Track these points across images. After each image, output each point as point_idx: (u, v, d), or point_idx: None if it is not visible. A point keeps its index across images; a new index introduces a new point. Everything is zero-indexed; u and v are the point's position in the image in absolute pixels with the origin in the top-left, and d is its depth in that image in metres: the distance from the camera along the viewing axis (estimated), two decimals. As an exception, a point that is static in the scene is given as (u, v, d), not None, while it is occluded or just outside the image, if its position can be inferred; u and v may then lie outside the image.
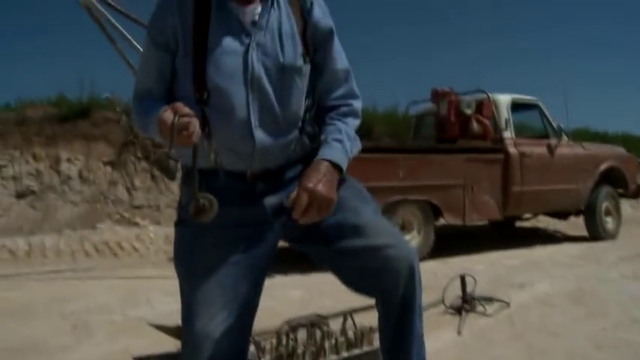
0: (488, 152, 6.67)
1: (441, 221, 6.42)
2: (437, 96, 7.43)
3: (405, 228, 5.97)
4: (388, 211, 5.72)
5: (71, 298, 4.41)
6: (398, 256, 1.50)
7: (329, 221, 1.51)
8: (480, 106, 7.00)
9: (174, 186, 8.04)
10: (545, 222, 8.97)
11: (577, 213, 7.71)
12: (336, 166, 1.45)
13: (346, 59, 1.61)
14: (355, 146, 1.55)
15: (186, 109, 1.31)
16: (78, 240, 7.06)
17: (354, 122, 1.59)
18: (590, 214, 7.52)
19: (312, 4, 1.56)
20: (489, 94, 7.00)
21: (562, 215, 7.87)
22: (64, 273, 5.70)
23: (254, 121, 1.45)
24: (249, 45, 1.46)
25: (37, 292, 4.72)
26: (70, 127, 9.09)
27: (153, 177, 8.79)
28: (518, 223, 8.66)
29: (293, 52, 1.50)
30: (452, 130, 7.09)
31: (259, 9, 1.50)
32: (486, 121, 6.90)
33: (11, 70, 21.00)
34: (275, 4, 1.52)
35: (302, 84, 1.52)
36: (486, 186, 6.49)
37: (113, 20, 5.31)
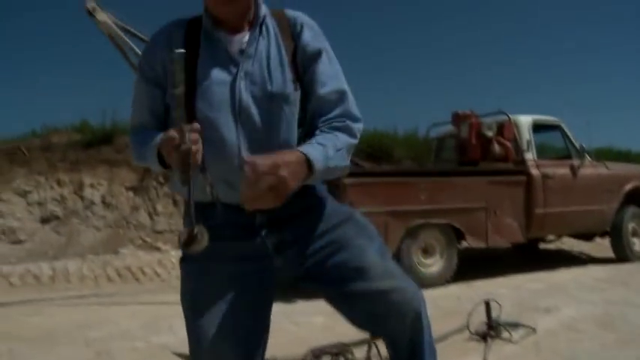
0: (511, 174, 6.60)
1: (464, 244, 6.35)
2: (457, 118, 7.43)
3: (427, 252, 5.93)
4: (410, 235, 5.70)
5: (94, 325, 4.43)
6: (404, 300, 1.49)
7: (333, 260, 1.49)
8: (501, 128, 6.97)
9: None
10: (569, 244, 8.83)
11: (602, 234, 7.58)
12: (308, 164, 1.32)
13: (343, 81, 1.54)
14: (340, 159, 1.43)
15: (190, 126, 1.29)
16: (101, 265, 7.11)
17: (347, 139, 1.47)
18: (616, 235, 7.37)
19: (302, 27, 1.53)
20: (510, 116, 6.96)
21: (587, 237, 7.74)
22: (88, 298, 5.74)
23: (244, 151, 1.41)
24: (236, 74, 1.44)
25: (61, 318, 4.75)
26: (93, 153, 9.25)
27: (175, 202, 8.86)
28: (542, 245, 8.53)
29: (282, 80, 1.46)
30: (473, 153, 7.07)
31: (247, 37, 1.48)
32: (508, 143, 6.86)
33: (37, 98, 21.52)
34: (264, 31, 1.50)
35: (291, 112, 1.47)
36: (509, 208, 6.42)
37: (136, 49, 5.43)
